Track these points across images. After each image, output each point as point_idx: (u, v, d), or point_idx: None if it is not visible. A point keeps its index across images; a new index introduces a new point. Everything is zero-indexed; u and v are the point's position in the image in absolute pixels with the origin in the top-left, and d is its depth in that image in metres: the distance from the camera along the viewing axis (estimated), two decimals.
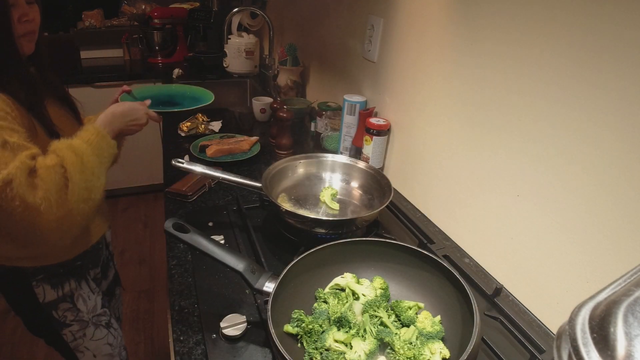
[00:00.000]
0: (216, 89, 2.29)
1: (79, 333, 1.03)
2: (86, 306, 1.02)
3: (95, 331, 1.05)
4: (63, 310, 0.99)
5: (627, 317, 0.27)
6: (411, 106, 1.14)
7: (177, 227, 0.72)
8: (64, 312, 0.99)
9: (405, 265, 0.77)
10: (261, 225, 1.03)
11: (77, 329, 1.02)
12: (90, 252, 1.03)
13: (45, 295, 0.96)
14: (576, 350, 0.27)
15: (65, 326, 1.00)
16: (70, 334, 1.02)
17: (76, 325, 1.02)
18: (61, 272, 0.97)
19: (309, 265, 0.75)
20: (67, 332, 1.01)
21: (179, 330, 0.74)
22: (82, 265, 1.01)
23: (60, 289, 0.97)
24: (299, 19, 2.00)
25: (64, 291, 0.97)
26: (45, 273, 0.94)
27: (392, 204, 1.11)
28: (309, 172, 1.12)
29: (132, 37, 2.81)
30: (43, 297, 0.96)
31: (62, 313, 0.99)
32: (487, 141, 0.88)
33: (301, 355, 0.65)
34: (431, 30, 1.02)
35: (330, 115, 1.49)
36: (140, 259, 2.41)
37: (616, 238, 0.64)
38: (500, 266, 0.88)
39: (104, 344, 1.08)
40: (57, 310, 0.98)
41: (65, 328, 1.01)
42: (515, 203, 0.83)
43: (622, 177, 0.62)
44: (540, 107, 0.75)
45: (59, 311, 0.98)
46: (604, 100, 0.63)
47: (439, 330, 0.67)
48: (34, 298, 0.95)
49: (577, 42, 0.66)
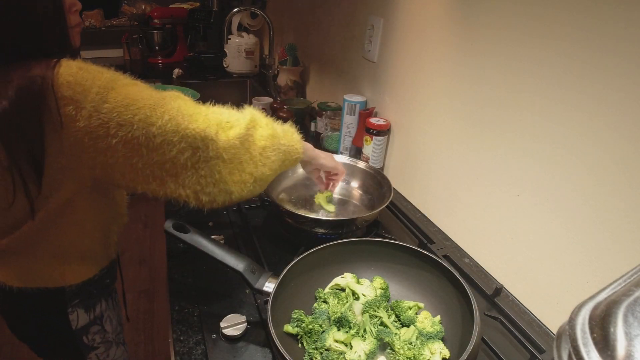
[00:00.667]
0: (216, 89, 2.30)
1: (103, 355, 0.98)
2: (112, 326, 0.98)
3: (117, 350, 1.01)
4: (93, 333, 0.93)
5: (627, 317, 0.27)
6: (411, 106, 1.14)
7: (177, 227, 0.72)
8: (93, 335, 0.93)
9: (405, 265, 0.77)
10: (261, 225, 1.03)
11: (102, 351, 0.97)
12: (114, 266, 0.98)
13: (78, 321, 0.89)
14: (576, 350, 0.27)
15: (92, 350, 0.95)
16: (95, 357, 0.96)
17: (102, 347, 0.97)
18: (95, 293, 0.91)
19: (309, 265, 0.75)
20: (93, 356, 0.96)
21: (179, 330, 0.74)
22: (110, 282, 0.96)
23: (92, 312, 0.91)
24: (299, 19, 2.00)
25: (95, 314, 0.92)
26: (82, 296, 0.88)
27: (392, 204, 1.11)
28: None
29: (132, 37, 2.81)
30: (76, 324, 0.89)
31: (92, 337, 0.93)
32: (487, 141, 0.88)
33: (301, 355, 0.65)
34: (431, 30, 1.02)
35: (330, 115, 1.49)
36: (140, 259, 2.41)
37: (616, 238, 0.64)
38: (500, 266, 0.88)
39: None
40: (88, 335, 0.92)
41: (92, 352, 0.95)
42: (516, 203, 0.83)
43: (623, 176, 0.62)
44: (540, 106, 0.75)
45: (89, 335, 0.93)
46: (605, 98, 0.63)
47: (438, 330, 0.67)
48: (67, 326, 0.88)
49: (578, 41, 0.66)
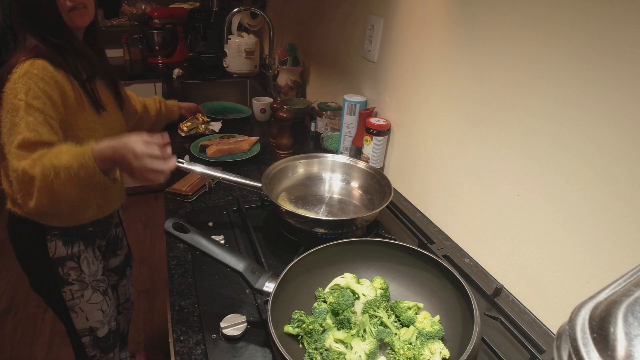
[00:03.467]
0: (216, 89, 2.30)
1: (77, 293, 1.07)
2: (89, 269, 1.08)
3: (92, 295, 1.10)
4: (69, 268, 1.04)
5: (627, 317, 0.27)
6: (411, 106, 1.14)
7: (177, 227, 0.72)
8: (69, 270, 1.04)
9: (405, 265, 0.77)
10: (261, 225, 1.03)
11: (77, 289, 1.07)
12: (102, 222, 1.11)
13: (55, 250, 1.01)
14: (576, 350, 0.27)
15: (67, 284, 1.05)
16: (69, 292, 1.06)
17: (77, 284, 1.07)
18: (74, 232, 1.03)
19: (309, 265, 0.75)
20: (67, 290, 1.06)
21: (179, 330, 0.74)
22: (93, 231, 1.08)
23: (70, 248, 1.03)
24: (299, 19, 2.00)
25: (72, 250, 1.03)
26: (60, 229, 1.00)
27: (392, 204, 1.11)
28: (309, 172, 1.12)
29: (132, 37, 2.81)
30: (54, 252, 1.01)
31: (67, 271, 1.04)
32: (487, 140, 0.88)
33: (301, 355, 0.65)
34: (431, 30, 1.02)
35: (330, 115, 1.49)
36: (140, 259, 2.41)
37: (616, 238, 0.64)
38: (500, 266, 0.88)
39: (97, 309, 1.12)
40: (63, 267, 1.03)
41: (67, 286, 1.06)
42: (516, 203, 0.83)
43: (623, 176, 0.62)
44: (541, 106, 0.75)
45: (64, 268, 1.04)
46: (606, 97, 0.63)
47: (438, 329, 0.67)
48: (45, 251, 1.00)
49: (577, 40, 0.66)
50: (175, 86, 2.23)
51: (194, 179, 1.17)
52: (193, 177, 1.18)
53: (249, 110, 1.80)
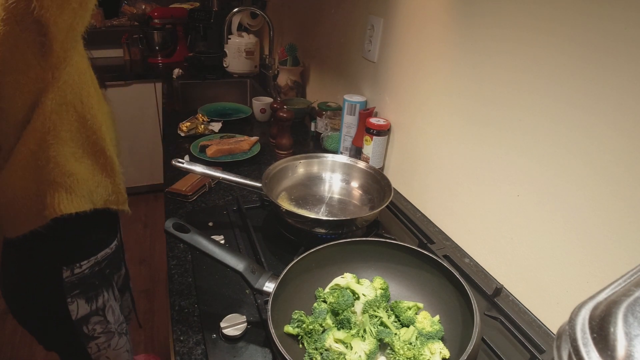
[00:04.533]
0: (216, 89, 2.30)
1: (104, 344, 1.00)
2: (114, 316, 1.00)
3: (119, 340, 1.03)
4: (94, 323, 0.95)
5: (627, 317, 0.27)
6: (411, 106, 1.14)
7: (177, 227, 0.72)
8: (94, 325, 0.96)
9: (405, 265, 0.77)
10: (261, 225, 1.03)
11: (103, 341, 0.99)
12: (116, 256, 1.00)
13: (78, 311, 0.92)
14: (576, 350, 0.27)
15: (92, 339, 0.97)
16: (95, 347, 0.98)
17: (103, 337, 0.99)
18: (96, 283, 0.93)
19: (309, 265, 0.75)
20: (93, 345, 0.98)
21: (179, 330, 0.74)
22: (110, 272, 0.98)
23: (94, 303, 0.93)
24: (299, 19, 2.00)
25: (97, 305, 0.94)
26: (82, 287, 0.90)
27: (392, 204, 1.11)
28: (309, 172, 1.12)
29: (132, 37, 2.81)
30: (76, 314, 0.92)
31: (92, 327, 0.95)
32: (487, 140, 0.88)
33: (301, 355, 0.65)
34: (431, 30, 1.02)
35: (330, 115, 1.49)
36: (140, 259, 2.41)
37: (616, 238, 0.64)
38: (500, 266, 0.88)
39: (123, 352, 1.06)
40: (88, 325, 0.95)
41: (92, 341, 0.97)
42: (516, 203, 0.83)
43: (623, 176, 0.62)
44: (541, 105, 0.75)
45: (89, 325, 0.95)
46: (606, 97, 0.63)
47: (438, 329, 0.67)
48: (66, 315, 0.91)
49: (577, 40, 0.66)
50: (175, 86, 2.23)
51: (194, 179, 1.17)
52: (193, 177, 1.18)
53: (249, 109, 1.81)
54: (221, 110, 1.82)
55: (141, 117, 2.69)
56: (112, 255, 0.97)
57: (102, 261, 0.94)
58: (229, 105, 1.88)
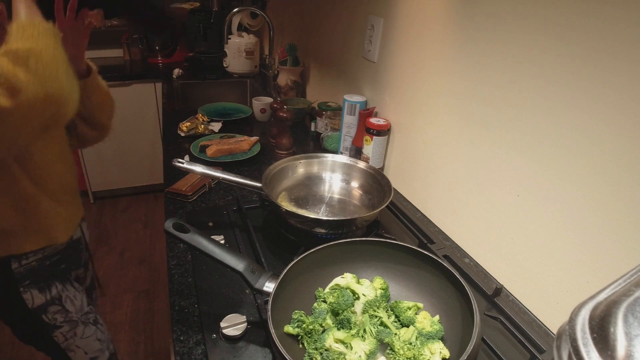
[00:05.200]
0: (216, 89, 2.30)
1: (69, 333, 1.04)
2: (74, 306, 1.04)
3: (84, 329, 1.07)
4: (53, 313, 1.00)
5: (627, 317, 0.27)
6: (411, 106, 1.14)
7: (177, 227, 0.71)
8: (54, 314, 1.00)
9: (405, 265, 0.77)
10: (261, 225, 1.03)
11: (67, 330, 1.03)
12: (72, 253, 1.04)
13: (33, 300, 0.96)
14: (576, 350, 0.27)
15: (56, 328, 1.01)
16: (61, 335, 1.03)
17: (66, 325, 1.03)
18: (46, 275, 0.97)
19: (309, 265, 0.75)
20: (59, 334, 1.02)
21: (179, 330, 0.74)
22: (66, 267, 1.02)
23: (48, 293, 0.98)
24: (299, 19, 2.00)
25: (51, 294, 0.98)
26: (31, 278, 0.95)
27: (392, 204, 1.11)
28: (310, 172, 1.12)
29: (132, 37, 2.81)
30: (32, 303, 0.96)
31: (52, 316, 1.00)
32: (487, 140, 0.88)
33: (301, 355, 0.65)
34: (431, 30, 1.02)
35: (330, 115, 1.49)
36: (140, 259, 2.41)
37: (616, 238, 0.64)
38: (500, 266, 0.88)
39: (93, 341, 1.10)
40: (47, 314, 0.99)
41: (57, 330, 1.02)
42: (516, 203, 0.83)
43: (623, 176, 0.62)
44: (541, 106, 0.75)
45: (48, 314, 0.99)
46: (606, 97, 0.63)
47: (438, 329, 0.67)
48: (22, 304, 0.95)
49: (577, 40, 0.66)
50: (175, 86, 2.23)
51: (194, 179, 1.17)
52: (193, 177, 1.18)
53: (249, 109, 1.80)
54: (221, 110, 1.82)
55: (141, 117, 2.69)
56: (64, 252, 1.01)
57: (52, 256, 0.98)
58: (229, 105, 1.89)
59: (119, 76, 2.55)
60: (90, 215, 2.75)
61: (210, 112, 1.73)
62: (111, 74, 2.55)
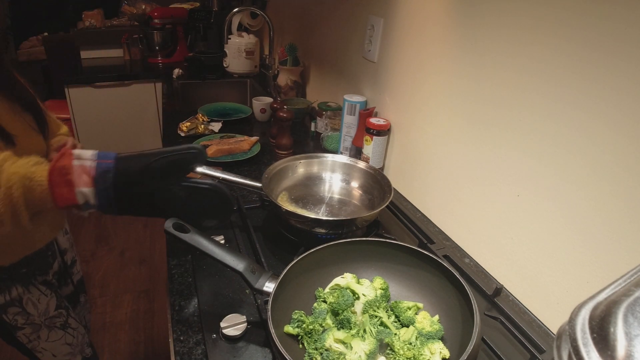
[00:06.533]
0: (216, 89, 2.30)
1: (32, 335, 1.02)
2: (37, 310, 1.01)
3: (49, 333, 1.04)
4: (13, 314, 0.98)
5: (627, 317, 0.27)
6: (411, 106, 1.14)
7: (177, 227, 0.71)
8: (14, 315, 0.98)
9: (405, 265, 0.77)
10: (261, 225, 1.03)
11: (30, 332, 1.01)
12: (36, 259, 1.01)
13: None
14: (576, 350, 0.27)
15: (17, 329, 1.00)
16: (24, 337, 1.01)
17: (28, 328, 1.01)
18: (5, 277, 0.95)
19: (309, 265, 0.75)
20: (21, 335, 1.01)
21: (179, 330, 0.74)
22: (28, 272, 0.99)
23: (7, 294, 0.95)
24: (299, 19, 2.00)
25: (11, 296, 0.96)
26: None
27: (392, 204, 1.11)
28: (310, 172, 1.12)
29: (132, 37, 2.81)
30: None
31: (12, 317, 0.98)
32: (487, 141, 0.88)
33: (301, 355, 0.65)
34: (431, 30, 1.02)
35: (330, 115, 1.49)
36: (140, 259, 2.41)
37: (617, 238, 0.64)
38: (500, 266, 0.88)
39: (62, 344, 1.07)
40: (7, 314, 0.97)
41: (19, 331, 1.00)
42: (516, 203, 0.83)
43: (623, 176, 0.62)
44: (541, 105, 0.75)
45: (9, 315, 0.97)
46: (606, 97, 0.63)
47: (437, 329, 0.67)
48: None
49: (578, 40, 0.66)
50: (175, 86, 2.23)
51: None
52: (193, 177, 1.17)
53: (249, 109, 1.80)
54: (221, 110, 1.82)
55: (141, 117, 2.69)
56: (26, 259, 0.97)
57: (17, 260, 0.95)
58: (229, 105, 1.88)
59: (119, 76, 2.55)
60: (91, 215, 2.75)
61: (210, 112, 1.73)
62: (111, 74, 2.55)
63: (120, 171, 0.70)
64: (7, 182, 0.67)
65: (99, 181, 0.68)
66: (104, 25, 2.87)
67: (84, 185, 0.68)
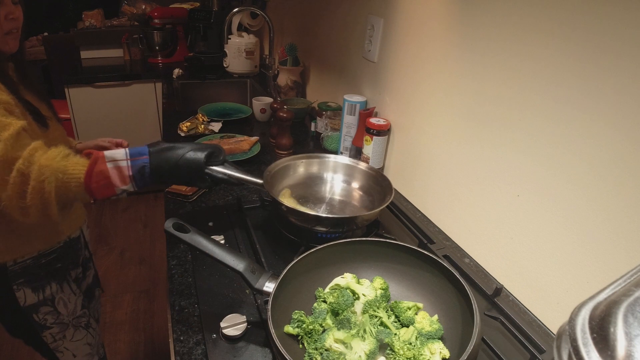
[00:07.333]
0: (216, 89, 2.30)
1: (59, 335, 1.03)
2: (67, 309, 1.03)
3: (75, 332, 1.06)
4: (44, 313, 0.99)
5: (627, 317, 0.27)
6: (411, 106, 1.14)
7: (177, 227, 0.72)
8: (44, 315, 0.99)
9: (405, 265, 0.77)
10: (261, 225, 1.03)
11: (57, 331, 1.03)
12: (70, 252, 1.03)
13: (25, 299, 0.95)
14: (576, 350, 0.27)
15: (45, 329, 1.01)
16: (50, 336, 1.02)
17: (56, 327, 1.02)
18: (42, 274, 0.96)
19: (309, 265, 0.75)
20: (47, 334, 1.02)
21: (179, 330, 0.74)
22: (62, 267, 1.01)
23: (41, 293, 0.97)
24: (299, 19, 2.00)
25: (44, 295, 0.97)
26: (26, 276, 0.94)
27: (392, 204, 1.11)
28: (310, 172, 1.12)
29: (132, 37, 2.81)
30: (24, 301, 0.95)
31: (42, 316, 0.99)
32: (487, 141, 0.88)
33: (301, 355, 0.65)
34: (431, 29, 1.02)
35: (330, 115, 1.49)
36: (140, 259, 2.41)
37: (617, 238, 0.64)
38: (500, 266, 0.88)
39: (83, 344, 1.09)
40: (38, 314, 0.98)
41: (46, 330, 1.01)
42: (516, 203, 0.83)
43: (623, 176, 0.62)
44: (541, 105, 0.75)
45: (39, 314, 0.98)
46: (607, 97, 0.63)
47: (437, 329, 0.67)
48: (14, 302, 0.95)
49: (578, 40, 0.66)
50: (175, 86, 2.24)
51: None
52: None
53: (249, 109, 1.80)
54: (221, 110, 1.82)
55: (141, 117, 2.69)
56: (62, 250, 1.00)
57: (48, 254, 0.97)
58: (229, 105, 1.88)
59: (119, 76, 2.55)
60: (91, 215, 2.75)
61: (210, 112, 1.73)
62: (111, 74, 2.55)
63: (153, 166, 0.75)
64: (39, 175, 0.69)
65: (137, 177, 0.74)
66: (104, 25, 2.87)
67: (123, 184, 0.74)
